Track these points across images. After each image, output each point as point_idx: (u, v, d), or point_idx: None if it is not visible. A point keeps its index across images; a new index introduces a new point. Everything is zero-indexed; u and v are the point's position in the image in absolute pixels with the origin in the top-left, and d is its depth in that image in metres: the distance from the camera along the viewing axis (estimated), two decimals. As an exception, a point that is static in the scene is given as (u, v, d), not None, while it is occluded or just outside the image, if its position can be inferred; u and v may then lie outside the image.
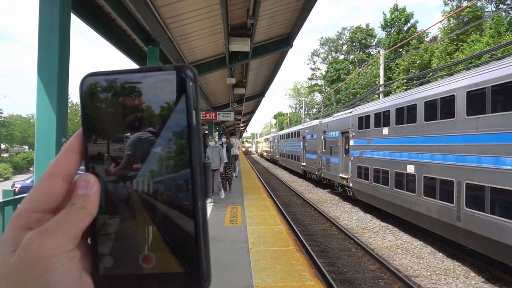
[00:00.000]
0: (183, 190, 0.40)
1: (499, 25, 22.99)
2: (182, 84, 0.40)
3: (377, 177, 13.89)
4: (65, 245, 0.37)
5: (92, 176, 0.41)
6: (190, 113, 0.40)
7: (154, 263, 0.40)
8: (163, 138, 0.40)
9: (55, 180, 0.41)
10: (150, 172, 0.41)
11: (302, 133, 28.82)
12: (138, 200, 0.41)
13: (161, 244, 0.40)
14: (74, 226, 0.38)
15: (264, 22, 8.66)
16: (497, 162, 7.83)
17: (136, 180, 0.41)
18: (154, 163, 0.41)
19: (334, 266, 9.24)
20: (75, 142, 0.43)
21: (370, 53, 52.49)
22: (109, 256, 0.41)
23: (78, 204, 0.39)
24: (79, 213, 0.39)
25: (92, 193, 0.40)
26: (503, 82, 7.77)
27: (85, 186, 0.40)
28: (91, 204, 0.40)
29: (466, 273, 8.74)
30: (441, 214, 9.85)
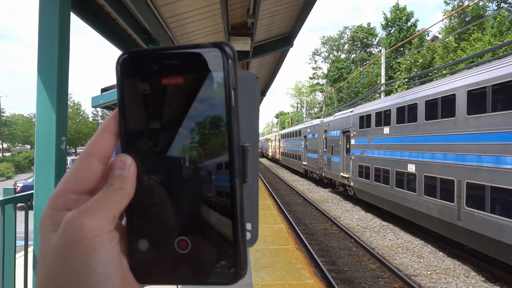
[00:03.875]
0: (222, 174, 0.39)
1: (501, 24, 22.93)
2: (221, 62, 0.38)
3: (378, 176, 13.89)
4: (106, 225, 0.37)
5: (129, 157, 0.40)
6: (229, 94, 0.38)
7: (189, 248, 0.39)
8: (201, 119, 0.39)
9: (92, 161, 0.40)
10: (189, 155, 0.39)
11: (303, 133, 28.82)
12: (175, 183, 0.40)
13: (198, 229, 0.39)
14: (114, 207, 0.38)
15: (264, 21, 8.66)
16: (498, 161, 7.82)
17: (174, 162, 0.40)
18: (192, 146, 0.39)
19: (334, 265, 9.25)
20: (111, 123, 0.42)
21: (371, 52, 52.41)
22: (145, 239, 0.40)
23: (116, 185, 0.39)
24: (117, 194, 0.38)
25: (129, 174, 0.39)
26: (504, 81, 7.76)
27: (122, 167, 0.40)
28: (128, 185, 0.39)
29: (467, 272, 8.74)
30: (441, 213, 9.85)
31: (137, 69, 0.40)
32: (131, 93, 0.40)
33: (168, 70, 0.39)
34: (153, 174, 0.40)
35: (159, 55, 0.40)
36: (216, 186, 0.39)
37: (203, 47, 0.39)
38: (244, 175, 0.39)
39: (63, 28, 3.52)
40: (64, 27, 3.54)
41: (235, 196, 0.38)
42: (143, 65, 0.40)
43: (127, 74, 0.41)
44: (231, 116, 0.38)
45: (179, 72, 0.39)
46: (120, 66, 0.41)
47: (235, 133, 0.38)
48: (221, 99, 0.38)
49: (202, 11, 7.22)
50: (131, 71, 0.40)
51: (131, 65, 0.40)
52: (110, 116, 0.42)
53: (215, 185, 0.39)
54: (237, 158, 0.38)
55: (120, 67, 0.41)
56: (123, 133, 0.41)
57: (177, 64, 0.39)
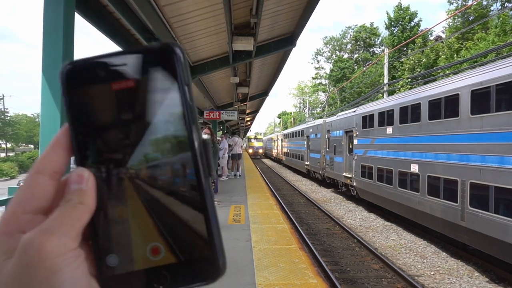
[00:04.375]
0: (186, 172, 0.38)
1: (505, 24, 22.82)
2: (170, 61, 0.38)
3: (381, 176, 13.86)
4: (69, 243, 0.34)
5: (85, 170, 0.38)
6: (183, 91, 0.38)
7: (163, 254, 0.37)
8: (158, 120, 0.38)
9: (41, 178, 0.38)
10: (148, 158, 0.38)
11: (306, 132, 28.79)
12: (138, 189, 0.38)
13: (169, 232, 0.37)
14: (75, 223, 0.35)
15: (267, 21, 8.67)
16: (502, 161, 7.79)
17: (134, 168, 0.38)
18: (152, 149, 0.38)
19: (337, 265, 9.24)
20: (62, 137, 0.39)
21: (374, 52, 52.30)
22: (113, 254, 0.37)
23: (74, 200, 0.36)
24: (77, 209, 0.36)
25: (88, 187, 0.37)
26: (508, 81, 7.72)
27: (79, 181, 0.37)
28: (88, 199, 0.37)
29: (470, 272, 8.71)
30: (445, 214, 9.81)
31: (85, 78, 0.39)
32: (80, 104, 0.39)
33: (118, 75, 0.38)
34: (114, 184, 0.38)
35: (106, 60, 0.38)
36: (182, 185, 0.38)
37: (151, 48, 0.39)
38: (209, 169, 0.38)
39: (68, 28, 3.54)
40: (69, 27, 3.56)
41: (203, 191, 0.37)
42: (90, 73, 0.39)
43: (74, 85, 0.39)
44: (189, 113, 0.38)
45: (129, 75, 0.38)
46: (65, 77, 0.39)
47: (195, 128, 0.38)
48: (176, 98, 0.38)
49: (205, 11, 7.23)
50: (78, 81, 0.39)
51: (78, 75, 0.39)
52: (60, 131, 0.40)
53: (181, 184, 0.38)
54: (199, 153, 0.38)
55: (66, 78, 0.39)
56: (76, 147, 0.39)
57: (127, 68, 0.38)
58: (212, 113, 17.83)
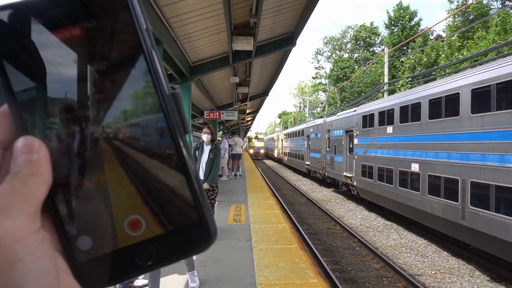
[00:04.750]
0: (157, 130, 0.32)
1: (505, 22, 22.80)
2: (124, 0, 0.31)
3: (382, 175, 13.85)
4: (28, 224, 0.28)
5: (35, 139, 0.31)
6: (143, 36, 0.32)
7: (144, 227, 0.32)
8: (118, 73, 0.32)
9: None
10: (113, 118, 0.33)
11: (306, 132, 28.78)
12: (103, 155, 0.32)
13: (148, 201, 0.32)
14: (30, 199, 0.28)
15: (267, 21, 8.66)
16: (502, 160, 7.77)
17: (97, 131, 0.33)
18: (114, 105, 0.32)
19: (338, 264, 9.23)
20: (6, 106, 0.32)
21: (374, 52, 52.28)
22: (85, 236, 0.32)
23: (24, 172, 0.29)
24: (30, 181, 0.29)
25: (40, 157, 0.30)
26: (509, 80, 7.71)
27: (28, 151, 0.30)
28: (42, 169, 0.30)
29: (471, 272, 8.70)
30: (445, 213, 9.80)
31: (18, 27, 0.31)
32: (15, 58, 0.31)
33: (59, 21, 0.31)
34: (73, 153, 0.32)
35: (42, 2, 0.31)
36: (155, 145, 0.33)
37: None
38: (184, 125, 0.33)
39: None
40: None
41: (180, 149, 0.32)
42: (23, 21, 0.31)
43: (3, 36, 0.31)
44: (152, 62, 0.32)
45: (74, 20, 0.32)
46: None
47: (161, 79, 0.32)
48: (134, 45, 0.32)
49: (204, 11, 7.23)
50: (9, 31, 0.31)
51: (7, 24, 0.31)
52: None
53: (154, 144, 0.33)
54: (170, 107, 0.32)
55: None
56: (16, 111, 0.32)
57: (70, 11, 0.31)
58: (212, 113, 17.84)
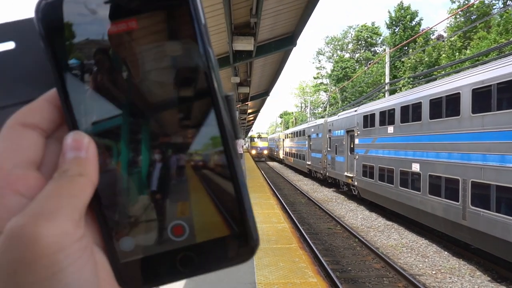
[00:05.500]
0: (209, 133, 0.31)
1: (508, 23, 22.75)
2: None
3: (382, 175, 13.84)
4: (72, 231, 0.26)
5: (84, 135, 0.30)
6: (200, 31, 0.30)
7: (187, 233, 0.31)
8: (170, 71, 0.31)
9: (27, 131, 0.30)
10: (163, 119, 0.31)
11: (307, 132, 28.78)
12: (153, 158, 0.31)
13: (193, 207, 0.32)
14: (76, 202, 0.27)
15: (267, 21, 8.67)
16: (503, 160, 7.76)
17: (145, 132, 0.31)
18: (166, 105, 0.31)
19: (338, 264, 9.23)
20: (54, 93, 0.31)
21: (375, 52, 52.22)
22: (128, 237, 0.31)
23: (72, 171, 0.28)
24: (77, 182, 0.28)
25: (88, 155, 0.29)
26: (509, 80, 7.70)
27: (77, 148, 0.29)
28: (90, 169, 0.29)
29: (472, 272, 8.68)
30: (446, 213, 9.79)
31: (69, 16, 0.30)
32: (69, 52, 0.30)
33: (113, 12, 0.30)
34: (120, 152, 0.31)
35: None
36: (205, 150, 0.31)
37: None
38: (235, 130, 0.32)
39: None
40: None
41: (231, 156, 0.31)
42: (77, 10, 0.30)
43: (57, 27, 0.30)
44: (208, 60, 0.30)
45: (129, 12, 0.30)
46: (44, 17, 0.30)
47: (216, 80, 0.31)
48: (190, 41, 0.30)
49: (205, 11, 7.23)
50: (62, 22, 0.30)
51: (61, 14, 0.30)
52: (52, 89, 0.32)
53: (204, 148, 0.31)
54: (223, 111, 0.31)
55: (45, 18, 0.30)
56: (66, 106, 0.30)
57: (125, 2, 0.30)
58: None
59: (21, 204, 0.27)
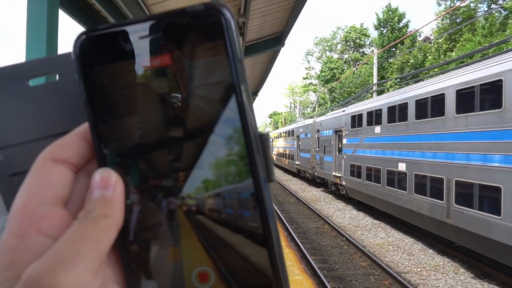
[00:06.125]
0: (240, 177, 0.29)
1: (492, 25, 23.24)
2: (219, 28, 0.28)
3: (370, 175, 14.01)
4: (90, 280, 0.25)
5: (112, 172, 0.29)
6: (236, 68, 0.28)
7: (213, 281, 0.30)
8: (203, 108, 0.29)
9: (57, 166, 0.29)
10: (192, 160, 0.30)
11: (296, 132, 28.93)
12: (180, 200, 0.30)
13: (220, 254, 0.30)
14: (99, 247, 0.26)
15: (256, 21, 8.70)
16: (485, 159, 7.94)
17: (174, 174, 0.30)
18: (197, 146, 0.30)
19: (326, 263, 9.32)
20: (86, 128, 0.31)
21: (364, 53, 52.72)
22: (151, 280, 0.30)
23: (97, 212, 0.28)
24: (100, 224, 0.27)
25: (115, 194, 0.29)
26: (492, 81, 7.88)
27: (104, 186, 0.29)
28: (115, 210, 0.28)
29: (456, 269, 8.86)
30: (431, 211, 9.97)
31: (108, 53, 0.30)
32: (103, 87, 0.30)
33: (149, 48, 0.30)
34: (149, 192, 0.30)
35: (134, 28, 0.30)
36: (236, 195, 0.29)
37: (191, 10, 0.29)
38: (269, 173, 0.30)
39: (51, 26, 3.52)
40: (52, 25, 3.54)
41: (265, 205, 0.29)
42: (115, 45, 0.30)
43: (94, 61, 0.30)
44: (243, 98, 0.29)
45: (164, 48, 0.29)
46: (81, 51, 0.30)
47: (250, 119, 0.29)
48: (226, 78, 0.29)
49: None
50: (100, 56, 0.30)
51: (99, 48, 0.30)
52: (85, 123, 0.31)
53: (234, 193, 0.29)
54: (257, 153, 0.29)
55: (82, 52, 0.30)
56: (97, 142, 0.30)
57: (160, 38, 0.29)
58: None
59: (45, 245, 0.26)
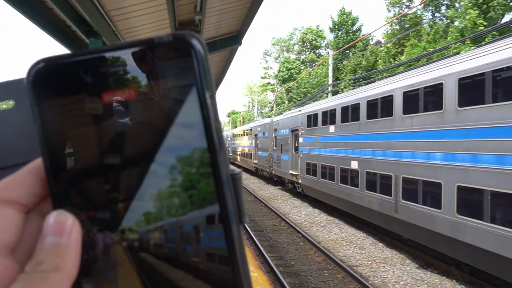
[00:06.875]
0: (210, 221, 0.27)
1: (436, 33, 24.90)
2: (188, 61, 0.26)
3: (324, 173, 14.46)
4: None
5: (69, 216, 0.26)
6: (205, 105, 0.26)
7: None
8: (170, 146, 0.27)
9: (5, 210, 0.27)
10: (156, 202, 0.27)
11: (254, 131, 29.12)
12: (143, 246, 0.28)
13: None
14: None
15: (212, 19, 8.65)
16: (428, 157, 8.50)
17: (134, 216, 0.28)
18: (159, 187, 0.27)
19: (282, 259, 9.50)
20: (39, 165, 0.28)
21: (320, 54, 54.22)
22: None
23: (47, 264, 0.24)
24: (50, 280, 0.24)
25: (70, 242, 0.25)
26: (433, 84, 8.45)
27: (58, 232, 0.25)
28: (69, 261, 0.25)
29: (403, 260, 9.41)
30: (381, 207, 10.50)
31: (64, 85, 0.27)
32: (58, 121, 0.28)
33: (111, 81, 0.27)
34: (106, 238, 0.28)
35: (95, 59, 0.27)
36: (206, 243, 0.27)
37: (159, 41, 0.27)
38: (240, 214, 0.28)
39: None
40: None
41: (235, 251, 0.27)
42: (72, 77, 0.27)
43: (48, 94, 0.28)
44: (213, 136, 0.27)
45: (128, 81, 0.27)
46: (34, 82, 0.28)
47: (222, 158, 0.27)
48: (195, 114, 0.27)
49: (147, 6, 7.04)
50: (54, 88, 0.27)
51: (53, 80, 0.27)
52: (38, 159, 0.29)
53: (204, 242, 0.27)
54: (228, 193, 0.27)
55: (35, 83, 0.28)
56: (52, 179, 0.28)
57: (124, 71, 0.27)
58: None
59: None
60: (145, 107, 0.27)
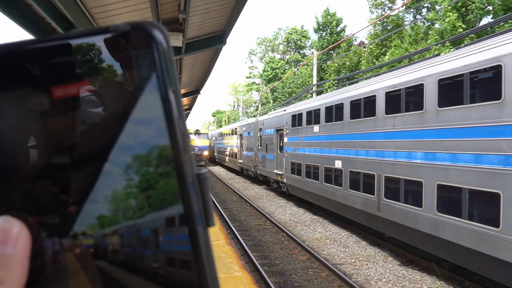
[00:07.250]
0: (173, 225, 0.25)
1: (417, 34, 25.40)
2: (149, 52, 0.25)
3: (309, 172, 14.57)
4: None
5: (15, 222, 0.24)
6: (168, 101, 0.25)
7: None
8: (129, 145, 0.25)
9: None
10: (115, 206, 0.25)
11: (239, 131, 29.08)
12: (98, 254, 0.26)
13: None
14: None
15: (196, 18, 8.60)
16: (410, 156, 8.67)
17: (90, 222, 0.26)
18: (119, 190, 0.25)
19: (267, 259, 9.52)
20: None
21: (305, 54, 54.57)
22: None
23: None
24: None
25: (15, 252, 0.23)
26: (415, 85, 8.61)
27: (2, 241, 0.23)
28: (13, 273, 0.23)
29: (385, 258, 9.57)
30: (364, 206, 10.64)
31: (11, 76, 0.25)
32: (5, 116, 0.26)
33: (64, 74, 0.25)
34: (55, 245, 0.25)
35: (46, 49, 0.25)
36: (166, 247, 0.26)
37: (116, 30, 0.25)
38: (207, 217, 0.26)
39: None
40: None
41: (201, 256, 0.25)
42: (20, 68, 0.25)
43: None
44: (176, 133, 0.25)
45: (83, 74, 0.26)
46: None
47: (185, 158, 0.25)
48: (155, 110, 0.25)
49: (129, 3, 6.95)
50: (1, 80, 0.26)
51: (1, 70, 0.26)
52: None
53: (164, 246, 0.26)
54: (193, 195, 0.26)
55: None
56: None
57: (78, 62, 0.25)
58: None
59: None
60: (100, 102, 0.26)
